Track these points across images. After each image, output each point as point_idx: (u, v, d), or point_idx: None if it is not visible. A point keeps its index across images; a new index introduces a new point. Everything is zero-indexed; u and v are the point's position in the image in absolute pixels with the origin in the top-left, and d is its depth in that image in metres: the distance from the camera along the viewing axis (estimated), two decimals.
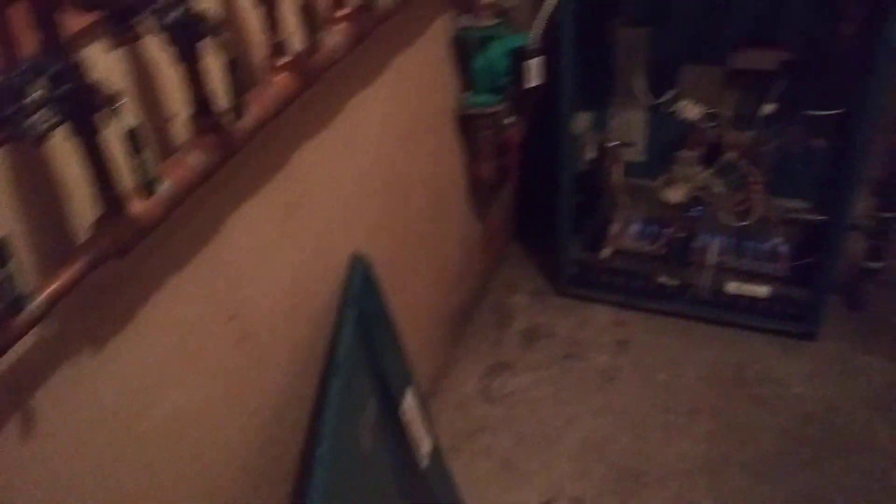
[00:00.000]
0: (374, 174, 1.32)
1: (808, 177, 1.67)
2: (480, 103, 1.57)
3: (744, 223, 1.69)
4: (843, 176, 1.56)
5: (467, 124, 1.62)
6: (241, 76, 0.86)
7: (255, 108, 0.89)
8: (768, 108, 1.59)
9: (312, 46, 0.97)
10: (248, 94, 0.89)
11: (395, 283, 1.40)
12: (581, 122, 1.74)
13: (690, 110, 1.64)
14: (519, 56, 1.52)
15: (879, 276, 1.72)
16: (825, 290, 1.68)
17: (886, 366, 1.65)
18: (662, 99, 1.66)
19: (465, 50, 1.55)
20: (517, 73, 1.54)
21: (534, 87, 1.55)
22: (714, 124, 1.65)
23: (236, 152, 0.88)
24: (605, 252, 1.84)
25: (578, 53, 1.63)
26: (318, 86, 1.03)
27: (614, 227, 1.88)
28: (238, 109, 0.86)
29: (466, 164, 1.69)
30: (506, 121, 1.61)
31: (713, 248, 1.77)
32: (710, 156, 1.69)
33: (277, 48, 0.92)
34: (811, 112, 1.58)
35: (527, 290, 1.94)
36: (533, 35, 1.52)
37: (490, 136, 1.62)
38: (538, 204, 1.89)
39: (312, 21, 0.96)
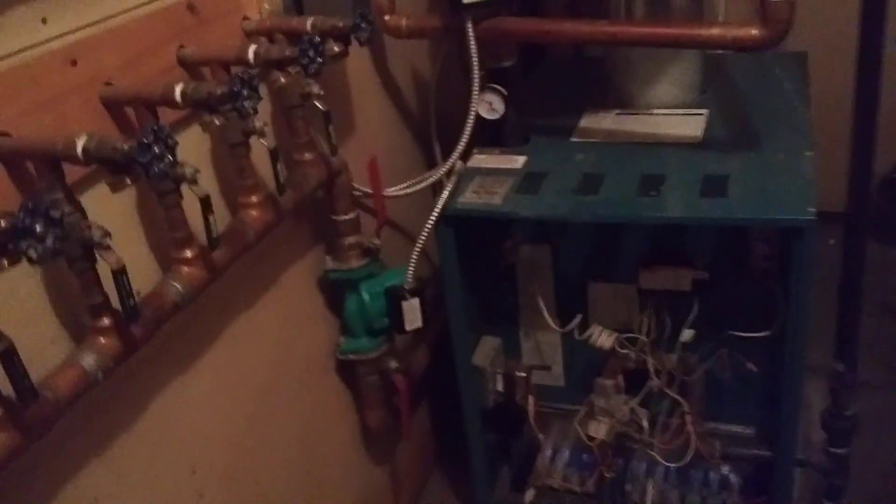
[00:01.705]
0: (208, 464, 1.11)
1: (746, 399, 1.46)
2: (357, 349, 1.38)
3: (680, 463, 1.45)
4: (781, 406, 1.34)
5: (348, 371, 1.42)
6: None
7: None
8: (688, 332, 1.39)
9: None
10: None
11: None
12: (487, 348, 1.54)
13: (602, 338, 1.44)
14: (395, 296, 1.33)
15: None
16: None
17: None
18: (571, 325, 1.46)
19: (335, 292, 1.37)
20: (395, 314, 1.35)
21: (416, 329, 1.36)
22: (632, 349, 1.45)
23: None
24: (529, 495, 1.60)
25: (476, 276, 1.46)
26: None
27: (540, 459, 1.65)
28: None
29: (355, 410, 1.48)
30: (391, 365, 1.41)
31: (649, 489, 1.54)
32: (633, 384, 1.48)
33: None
34: (736, 333, 1.39)
35: None
36: (408, 273, 1.34)
37: (374, 382, 1.42)
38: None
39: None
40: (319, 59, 0.97)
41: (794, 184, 1.24)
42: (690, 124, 1.46)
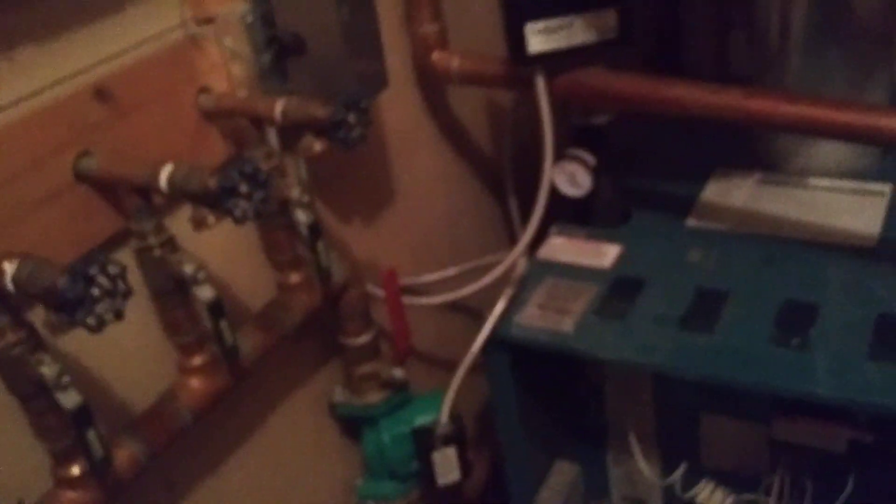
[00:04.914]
0: None
1: None
2: (378, 494, 1.06)
3: None
4: None
5: None
6: None
7: None
8: None
9: None
10: None
11: None
12: (560, 479, 1.18)
13: (715, 502, 1.06)
14: (424, 443, 1.00)
15: None
16: None
17: None
18: (673, 477, 1.08)
19: (351, 421, 1.05)
20: (425, 464, 1.01)
21: (452, 483, 1.02)
22: None
23: None
24: None
25: (544, 398, 1.10)
26: None
27: None
28: None
29: None
30: None
31: None
32: None
33: None
34: None
35: None
36: (443, 412, 0.99)
37: None
38: None
39: None
40: (260, 194, 0.63)
41: None
42: (862, 211, 1.02)
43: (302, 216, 0.79)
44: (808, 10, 1.04)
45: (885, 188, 1.04)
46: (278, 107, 0.74)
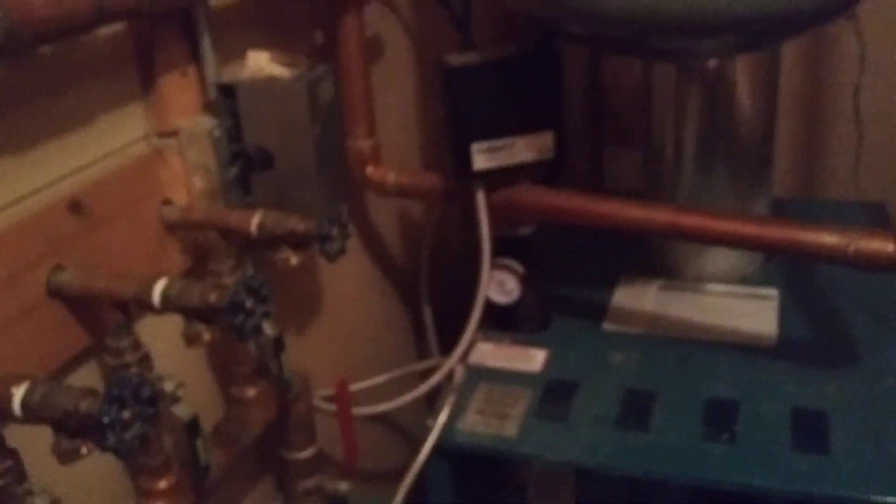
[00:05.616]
0: None
1: None
2: None
3: None
4: None
5: None
6: None
7: None
8: None
9: None
10: None
11: None
12: None
13: None
14: None
15: None
16: None
17: None
18: None
19: None
20: None
21: None
22: None
23: None
24: None
25: (472, 497, 1.11)
26: None
27: None
28: None
29: None
30: None
31: None
32: None
33: None
34: None
35: None
36: None
37: None
38: None
39: None
40: (262, 308, 0.63)
41: None
42: (759, 314, 1.12)
43: (268, 329, 0.79)
44: (698, 132, 1.16)
45: (773, 292, 1.16)
46: (254, 220, 0.74)
